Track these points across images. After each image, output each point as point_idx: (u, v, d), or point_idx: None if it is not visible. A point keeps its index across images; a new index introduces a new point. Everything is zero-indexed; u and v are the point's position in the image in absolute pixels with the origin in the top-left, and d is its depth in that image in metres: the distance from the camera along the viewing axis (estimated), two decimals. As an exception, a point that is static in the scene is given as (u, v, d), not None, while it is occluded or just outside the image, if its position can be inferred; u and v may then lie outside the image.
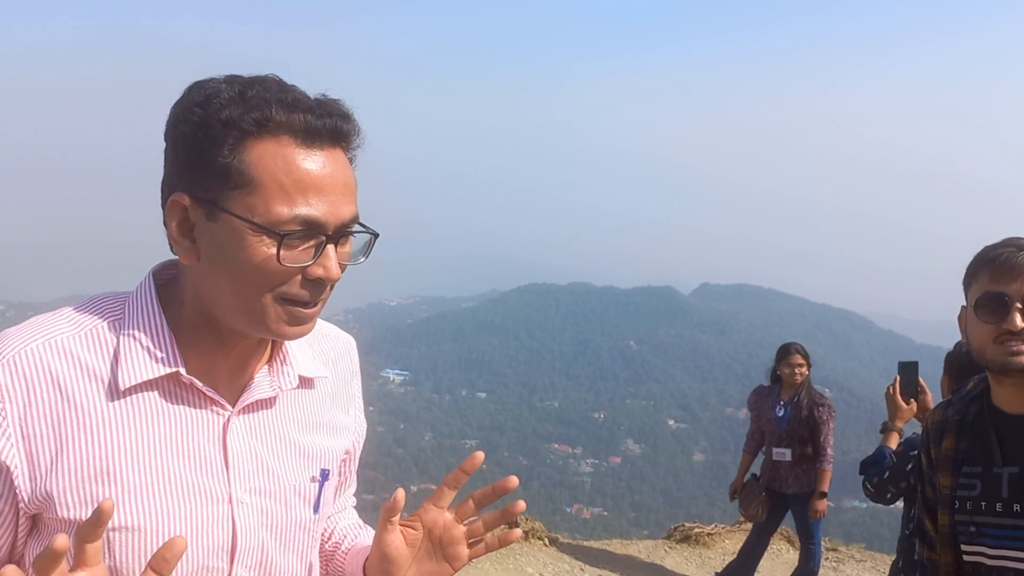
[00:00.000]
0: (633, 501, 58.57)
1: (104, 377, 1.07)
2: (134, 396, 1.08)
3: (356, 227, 1.09)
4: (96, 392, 1.06)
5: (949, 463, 1.97)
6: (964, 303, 1.92)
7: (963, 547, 1.92)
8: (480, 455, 1.19)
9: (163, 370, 1.08)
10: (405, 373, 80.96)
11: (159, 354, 1.08)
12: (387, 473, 63.07)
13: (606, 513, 55.04)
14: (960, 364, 3.01)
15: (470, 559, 1.21)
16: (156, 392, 1.09)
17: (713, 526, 7.01)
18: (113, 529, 1.05)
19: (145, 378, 1.07)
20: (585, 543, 6.84)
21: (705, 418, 69.71)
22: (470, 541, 1.21)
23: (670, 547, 7.02)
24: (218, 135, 1.00)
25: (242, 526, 1.13)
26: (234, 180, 1.01)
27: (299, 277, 1.05)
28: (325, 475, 1.25)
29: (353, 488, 1.51)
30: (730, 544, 6.96)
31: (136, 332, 1.09)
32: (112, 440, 1.06)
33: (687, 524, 7.12)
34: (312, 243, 1.04)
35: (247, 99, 1.01)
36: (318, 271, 1.04)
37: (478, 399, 76.96)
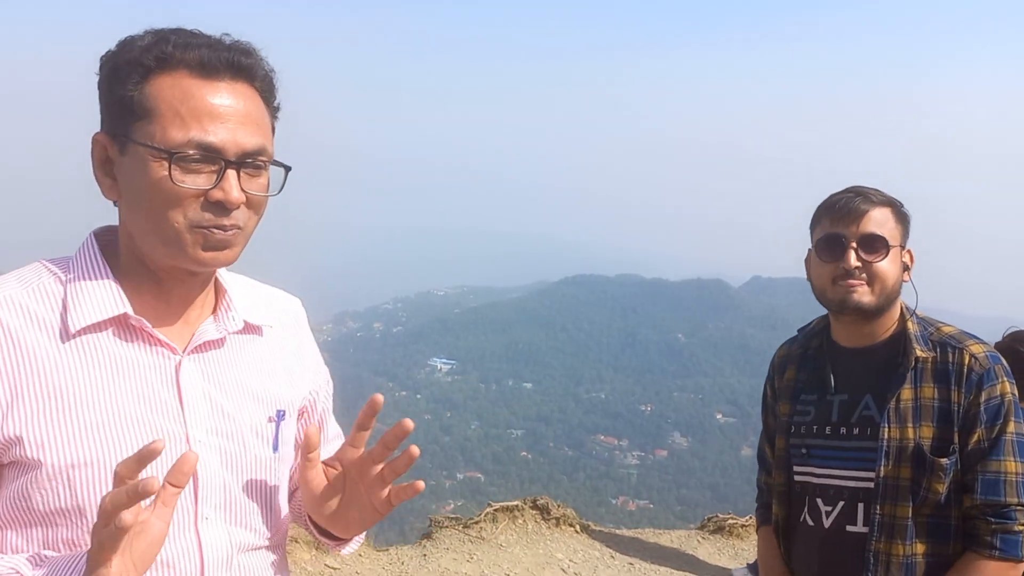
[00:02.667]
0: (679, 495, 58.05)
1: (54, 325, 1.14)
2: (85, 340, 1.15)
3: (266, 159, 1.17)
4: (47, 339, 1.13)
5: (789, 392, 2.15)
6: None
7: (795, 468, 2.10)
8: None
9: (110, 312, 1.15)
10: (452, 362, 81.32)
11: (106, 299, 1.16)
12: (433, 460, 63.55)
13: (652, 506, 54.69)
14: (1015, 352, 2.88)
15: (393, 503, 1.23)
16: (105, 336, 1.16)
17: (748, 518, 6.93)
18: (73, 466, 1.11)
19: (93, 320, 1.14)
20: (616, 531, 6.83)
21: (754, 413, 67.57)
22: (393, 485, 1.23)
23: (703, 537, 6.98)
24: (124, 74, 1.12)
25: (203, 465, 1.17)
26: (137, 112, 1.11)
27: (202, 201, 1.12)
28: (281, 415, 1.31)
29: (339, 442, 1.53)
30: (765, 536, 6.87)
31: (82, 282, 1.17)
32: (67, 383, 1.12)
33: (720, 515, 7.06)
34: (212, 168, 1.11)
35: (154, 42, 1.12)
36: (217, 194, 1.11)
37: (524, 389, 76.95)
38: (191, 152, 1.10)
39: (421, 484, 1.24)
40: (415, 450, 1.22)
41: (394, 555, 5.64)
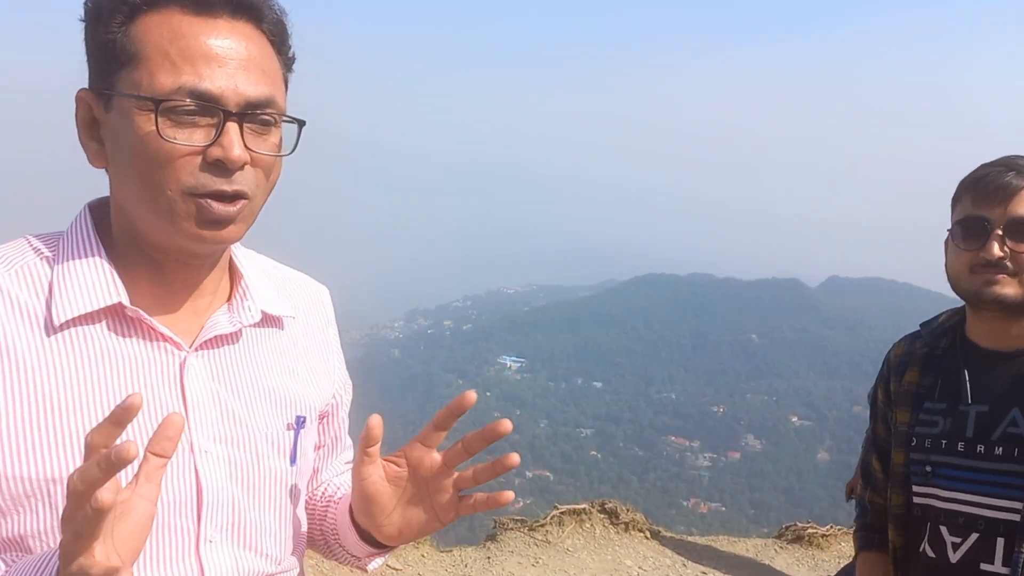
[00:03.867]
0: (752, 498, 56.92)
1: (38, 314, 0.95)
2: (73, 333, 0.96)
3: (275, 112, 0.98)
4: (30, 330, 0.95)
5: (910, 398, 1.83)
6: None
7: (914, 488, 1.79)
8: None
9: (102, 302, 0.96)
10: (521, 360, 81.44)
11: (98, 286, 0.97)
12: (502, 459, 63.76)
13: (724, 509, 53.80)
14: None
15: (460, 514, 1.08)
16: (99, 328, 0.97)
17: (828, 527, 6.57)
18: (53, 480, 0.92)
19: (82, 311, 0.96)
20: (689, 538, 6.55)
21: (831, 416, 66.82)
22: (461, 494, 1.08)
23: (781, 547, 6.63)
24: (107, 15, 0.93)
25: (207, 478, 1.00)
26: (122, 58, 0.92)
27: (199, 161, 0.93)
28: (301, 422, 1.13)
29: (348, 455, 1.38)
30: (846, 547, 6.50)
31: (71, 265, 0.98)
32: (49, 382, 0.93)
33: (800, 524, 6.70)
34: (211, 121, 0.92)
35: None
36: (216, 152, 0.92)
37: (593, 388, 76.57)
38: (183, 101, 0.90)
39: (510, 495, 1.05)
40: (515, 458, 1.03)
41: (457, 556, 5.49)
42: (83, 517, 0.73)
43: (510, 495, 1.05)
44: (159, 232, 0.97)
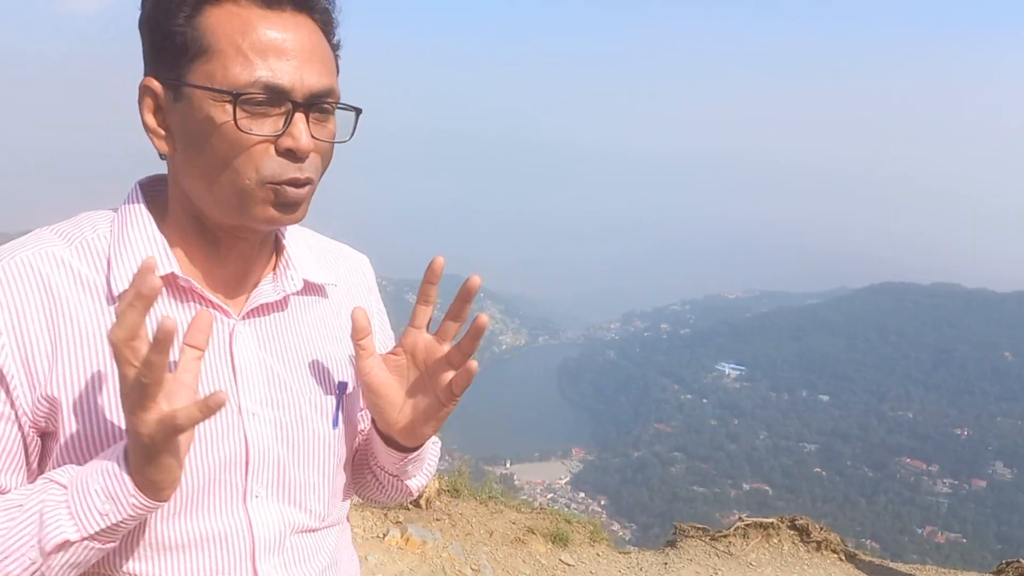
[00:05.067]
0: (1000, 532, 51.42)
1: (99, 285, 1.02)
2: None
3: (335, 101, 1.03)
4: (91, 300, 1.01)
5: None
6: None
7: None
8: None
9: (157, 273, 0.99)
10: (741, 368, 78.74)
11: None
12: (718, 468, 62.12)
13: (964, 540, 49.16)
14: None
15: (458, 391, 1.09)
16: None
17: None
18: (113, 439, 1.00)
19: None
20: (891, 564, 6.05)
21: (1102, 449, 59.12)
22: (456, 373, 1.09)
23: (1001, 585, 5.97)
24: (174, 5, 0.96)
25: (254, 438, 1.07)
26: (192, 50, 0.96)
27: (271, 150, 0.98)
28: (343, 387, 1.18)
29: None
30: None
31: (127, 240, 1.05)
32: (108, 348, 0.99)
33: (1023, 560, 5.99)
34: (280, 111, 0.98)
35: None
36: (287, 141, 0.98)
37: (819, 401, 72.45)
38: (258, 93, 0.95)
39: (474, 364, 1.06)
40: (483, 318, 1.06)
41: (634, 559, 5.45)
42: (150, 364, 0.83)
43: (474, 364, 1.06)
44: (231, 215, 1.02)
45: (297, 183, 1.00)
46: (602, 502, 57.77)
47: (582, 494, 59.01)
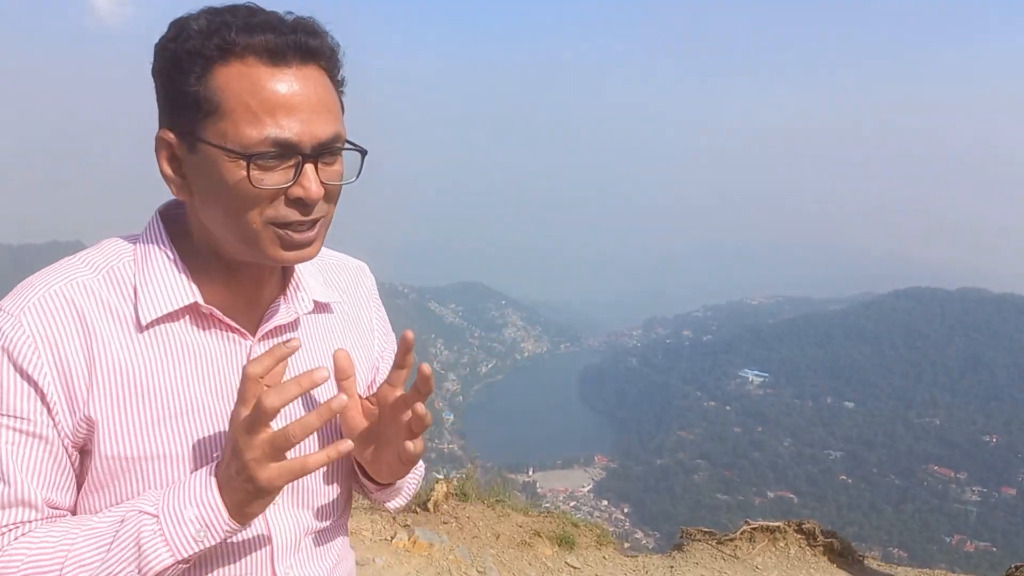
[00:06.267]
0: (1030, 541, 50.64)
1: (126, 315, 1.10)
2: (156, 331, 1.11)
3: (341, 145, 1.08)
4: (120, 330, 1.09)
5: None
6: None
7: None
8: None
9: (181, 302, 1.11)
10: (765, 374, 78.16)
11: (176, 288, 1.11)
12: (742, 475, 61.73)
13: (995, 550, 48.35)
14: None
15: (418, 430, 1.15)
16: (177, 325, 1.12)
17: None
18: (146, 457, 1.08)
19: (165, 311, 1.10)
20: (899, 568, 6.04)
21: None
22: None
23: (1013, 591, 5.93)
24: (186, 65, 1.01)
25: None
26: (204, 108, 1.01)
27: (282, 199, 1.05)
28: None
29: None
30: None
31: (151, 269, 1.12)
32: (139, 374, 1.09)
33: (1031, 565, 5.95)
34: (290, 163, 1.03)
35: (212, 27, 1.01)
36: (297, 191, 1.04)
37: (844, 408, 71.77)
38: (269, 150, 1.01)
39: (420, 409, 1.12)
40: (425, 368, 1.12)
41: (640, 563, 5.48)
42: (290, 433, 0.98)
43: (421, 407, 1.12)
44: (243, 253, 1.10)
45: (303, 226, 1.07)
46: (625, 510, 57.57)
47: (605, 502, 58.84)
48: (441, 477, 5.85)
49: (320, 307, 1.27)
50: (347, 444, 1.01)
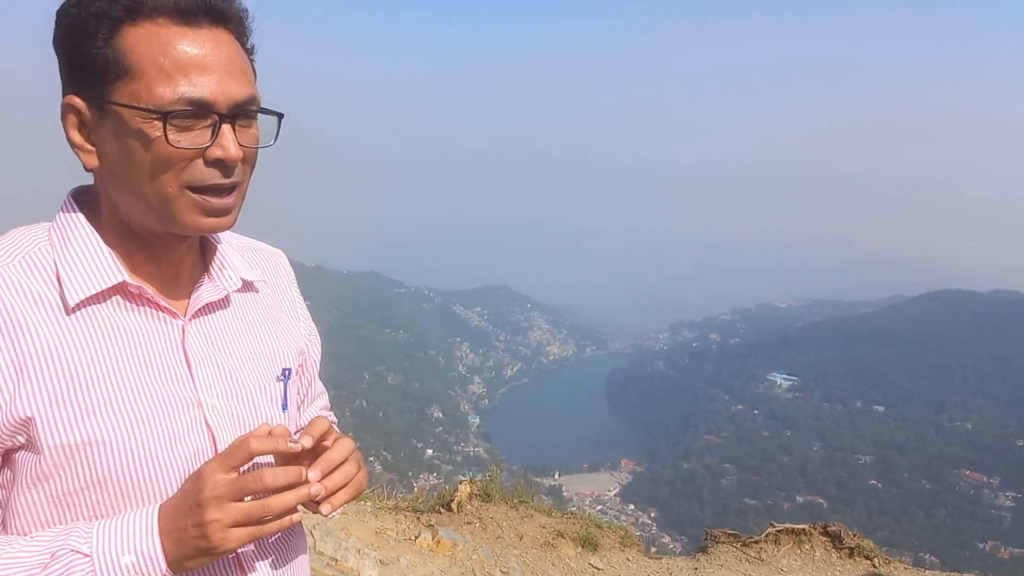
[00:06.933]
0: (1068, 548, 49.76)
1: (51, 300, 1.06)
2: (85, 313, 1.07)
3: (256, 108, 1.08)
4: (47, 316, 1.05)
5: None
6: None
7: None
8: (324, 422, 1.14)
9: (108, 282, 1.08)
10: (793, 378, 77.42)
11: (101, 267, 1.08)
12: (771, 479, 61.24)
13: (1030, 556, 47.67)
14: None
15: (330, 503, 1.13)
16: (106, 306, 1.09)
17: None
18: (89, 443, 1.05)
19: (93, 291, 1.07)
20: (927, 572, 5.98)
21: None
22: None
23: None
24: (92, 28, 0.99)
25: (218, 429, 1.14)
26: (113, 71, 1.00)
27: (199, 161, 1.03)
28: (287, 374, 1.27)
29: (323, 401, 1.55)
30: None
31: (72, 250, 1.09)
32: (73, 359, 1.05)
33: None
34: (206, 123, 1.02)
35: None
36: (216, 152, 1.03)
37: (874, 412, 70.93)
38: (184, 109, 1.00)
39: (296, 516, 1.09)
40: (325, 510, 1.12)
41: (664, 565, 5.49)
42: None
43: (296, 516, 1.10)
44: (156, 223, 1.08)
45: (221, 189, 1.06)
46: (652, 514, 57.33)
47: (632, 506, 58.64)
48: (465, 478, 5.89)
49: (247, 286, 1.26)
50: (299, 516, 1.06)
